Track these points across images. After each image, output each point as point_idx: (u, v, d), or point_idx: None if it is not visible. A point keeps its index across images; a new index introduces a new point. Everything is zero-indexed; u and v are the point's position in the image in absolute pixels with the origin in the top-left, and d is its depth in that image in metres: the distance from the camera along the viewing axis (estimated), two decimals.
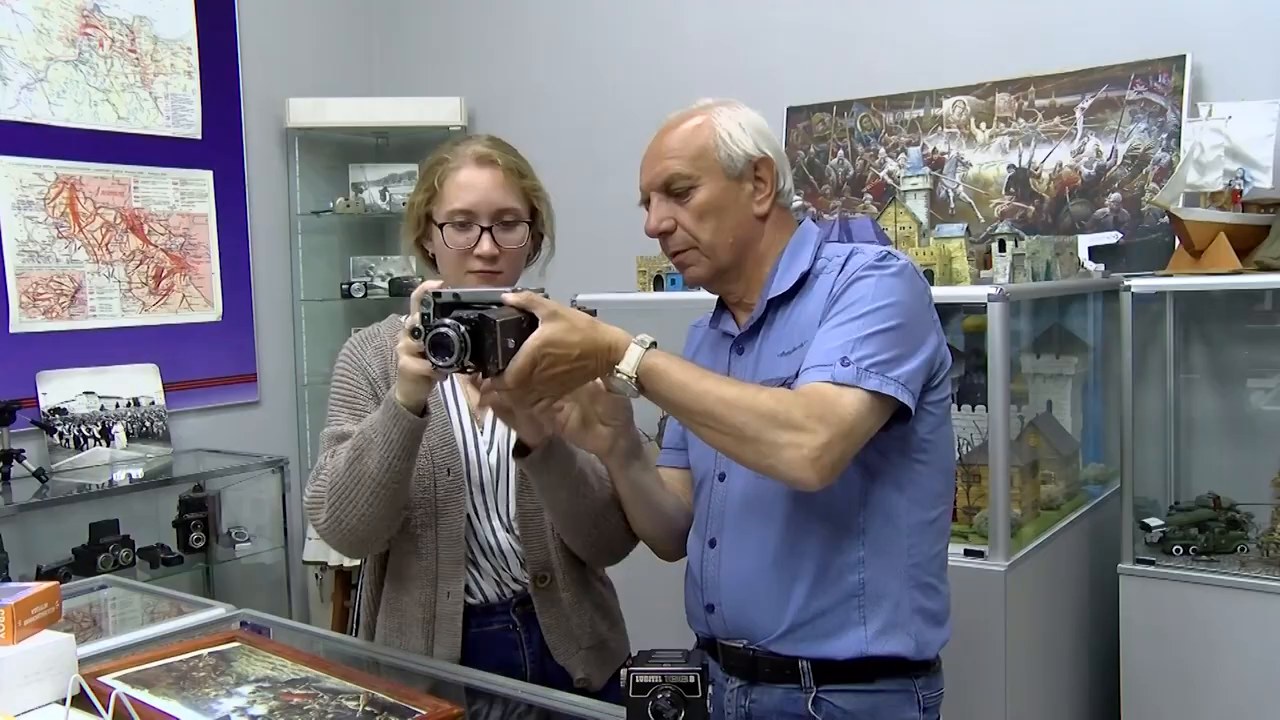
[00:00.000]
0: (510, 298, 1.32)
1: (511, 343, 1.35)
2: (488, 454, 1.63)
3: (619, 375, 1.31)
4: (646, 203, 1.51)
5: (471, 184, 1.58)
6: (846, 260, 1.44)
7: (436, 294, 1.38)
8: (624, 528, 1.60)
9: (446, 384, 1.64)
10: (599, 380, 1.37)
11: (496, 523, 1.62)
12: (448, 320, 1.36)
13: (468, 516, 1.61)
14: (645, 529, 1.60)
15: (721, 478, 1.49)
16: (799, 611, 1.41)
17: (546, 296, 1.34)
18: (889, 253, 1.43)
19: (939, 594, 1.48)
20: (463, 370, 1.37)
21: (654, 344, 1.33)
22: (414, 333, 1.37)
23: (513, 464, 1.61)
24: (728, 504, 1.48)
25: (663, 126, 1.50)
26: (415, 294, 1.43)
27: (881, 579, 1.41)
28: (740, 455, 1.32)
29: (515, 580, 1.63)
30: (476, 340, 1.35)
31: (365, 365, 1.64)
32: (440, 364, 1.35)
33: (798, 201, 2.66)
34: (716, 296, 1.58)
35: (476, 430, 1.63)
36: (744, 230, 1.47)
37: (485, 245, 1.57)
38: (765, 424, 1.27)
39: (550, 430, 1.47)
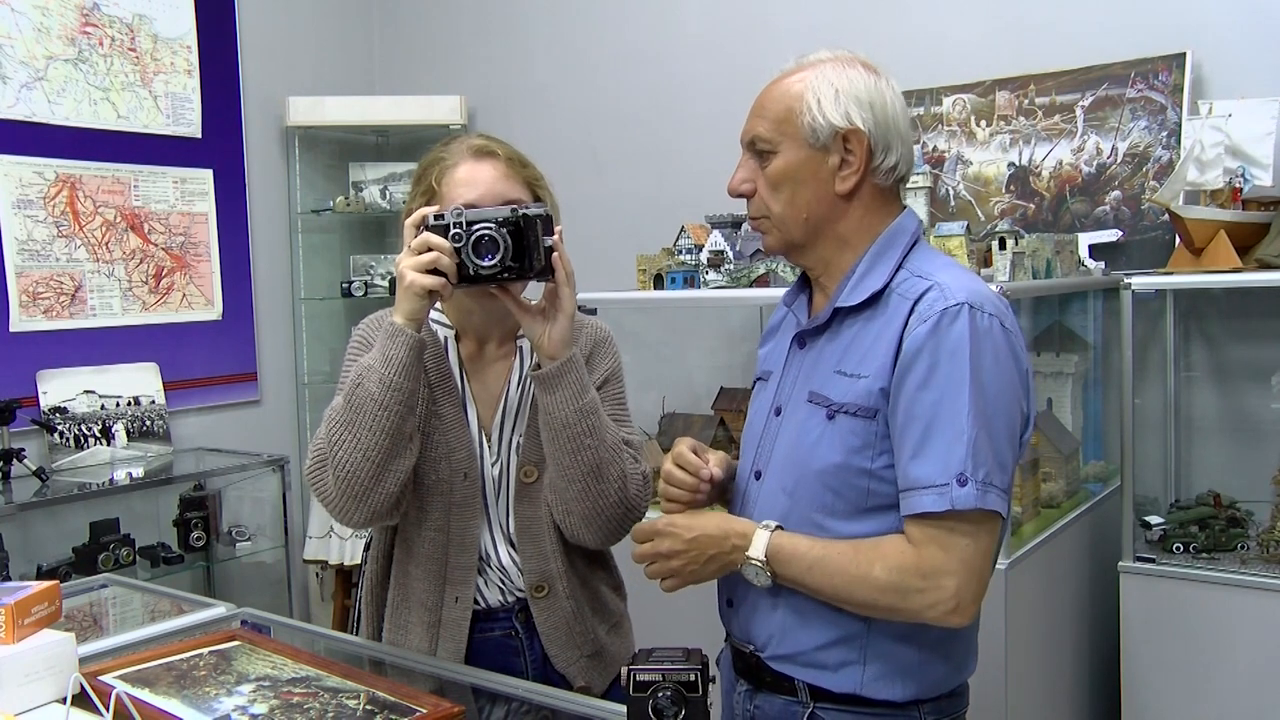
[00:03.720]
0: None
1: (549, 240, 1.43)
2: (492, 465, 1.62)
3: (751, 562, 1.32)
4: None
5: (473, 178, 1.53)
6: (922, 296, 1.30)
7: (455, 210, 1.43)
8: (627, 493, 1.54)
9: (462, 390, 1.61)
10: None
11: (498, 533, 1.62)
12: (487, 223, 1.41)
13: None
14: None
15: (758, 475, 1.44)
16: (800, 638, 1.36)
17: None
18: (970, 306, 1.27)
19: (961, 633, 1.35)
20: (504, 271, 1.42)
21: (779, 526, 1.34)
22: (454, 238, 1.41)
23: (512, 476, 1.61)
24: (758, 508, 1.42)
25: (774, 77, 1.40)
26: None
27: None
28: (882, 618, 1.31)
29: (517, 589, 1.62)
30: (517, 239, 1.41)
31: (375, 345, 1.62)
32: (484, 265, 1.40)
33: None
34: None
35: (484, 440, 1.62)
36: (821, 207, 1.36)
37: None
38: (892, 597, 1.27)
39: None
